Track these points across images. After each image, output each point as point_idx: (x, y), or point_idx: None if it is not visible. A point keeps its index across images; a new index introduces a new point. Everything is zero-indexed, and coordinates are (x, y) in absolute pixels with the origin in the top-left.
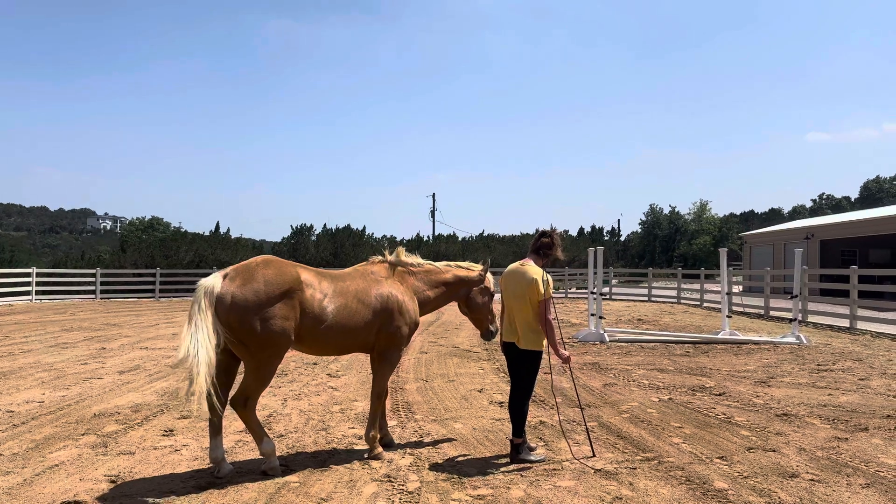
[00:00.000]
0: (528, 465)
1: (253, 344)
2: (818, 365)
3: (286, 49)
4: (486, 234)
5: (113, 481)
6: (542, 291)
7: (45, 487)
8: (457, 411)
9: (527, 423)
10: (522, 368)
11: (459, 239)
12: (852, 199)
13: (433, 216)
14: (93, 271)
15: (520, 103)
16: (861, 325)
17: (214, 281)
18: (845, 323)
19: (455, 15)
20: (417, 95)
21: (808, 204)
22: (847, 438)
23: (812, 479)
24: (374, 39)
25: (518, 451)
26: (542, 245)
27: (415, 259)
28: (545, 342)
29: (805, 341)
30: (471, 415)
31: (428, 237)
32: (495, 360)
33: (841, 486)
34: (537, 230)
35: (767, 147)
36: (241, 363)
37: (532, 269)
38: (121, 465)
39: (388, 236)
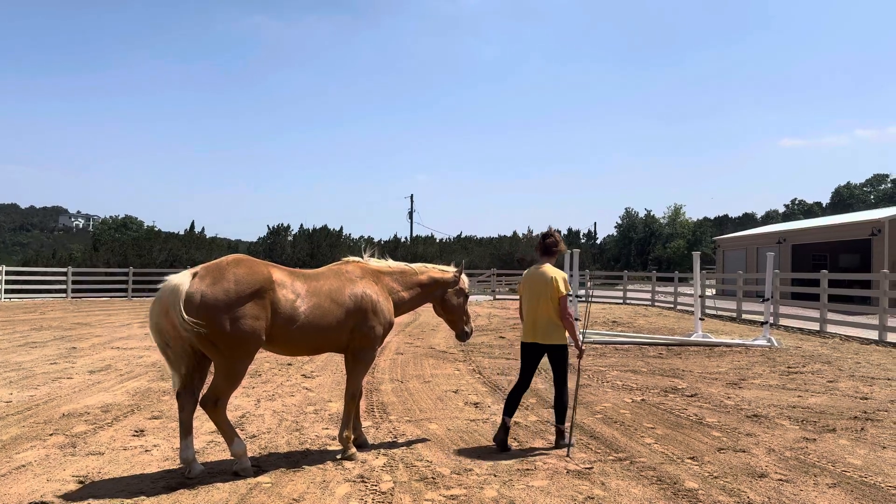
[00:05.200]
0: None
1: (223, 344)
2: (788, 367)
3: (263, 48)
4: (463, 235)
5: (81, 482)
6: (562, 289)
7: (10, 488)
8: (432, 412)
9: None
10: (554, 363)
11: (437, 240)
12: (824, 205)
13: (411, 217)
14: (64, 270)
15: (499, 107)
16: (831, 328)
17: (182, 279)
18: (815, 326)
19: (437, 17)
20: (397, 97)
21: (781, 209)
22: (815, 439)
23: (780, 479)
24: (354, 40)
25: (563, 436)
26: (548, 245)
27: (388, 261)
28: (567, 335)
29: (776, 344)
30: (446, 416)
31: (406, 238)
32: (471, 362)
33: (808, 486)
34: (530, 233)
35: (742, 152)
36: (212, 363)
37: (550, 269)
38: (89, 466)
39: (366, 237)
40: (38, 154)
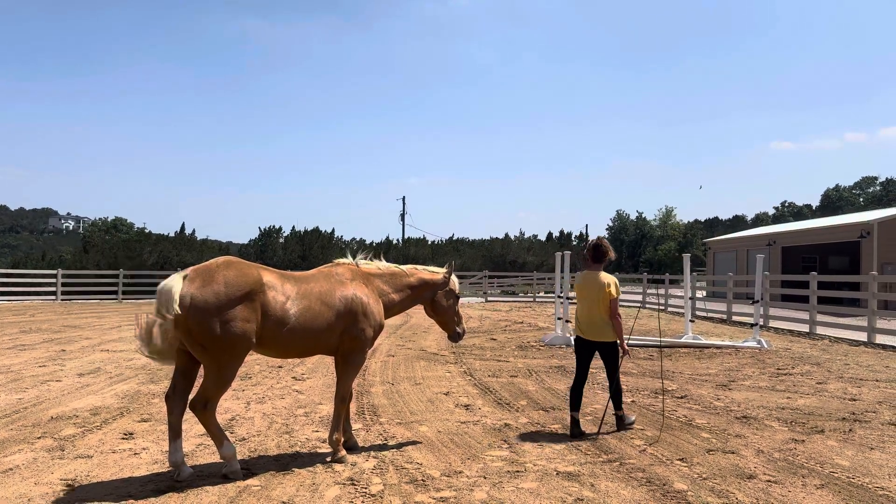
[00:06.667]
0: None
1: (212, 347)
2: (778, 369)
3: (254, 50)
4: (455, 237)
5: (69, 485)
6: (614, 292)
7: None
8: (422, 414)
9: (494, 424)
10: (607, 357)
11: (429, 242)
12: (813, 207)
13: (403, 219)
14: (54, 272)
15: (491, 109)
16: (820, 330)
17: (174, 283)
18: (805, 328)
19: (427, 19)
20: (389, 99)
21: (771, 211)
22: (804, 440)
23: (769, 481)
24: (345, 42)
25: (623, 420)
26: (600, 255)
27: (378, 263)
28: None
29: (765, 346)
30: (436, 418)
31: (397, 240)
32: (462, 364)
33: (797, 487)
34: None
35: (732, 155)
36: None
37: (604, 275)
38: (78, 469)
39: (358, 239)
40: (27, 156)
